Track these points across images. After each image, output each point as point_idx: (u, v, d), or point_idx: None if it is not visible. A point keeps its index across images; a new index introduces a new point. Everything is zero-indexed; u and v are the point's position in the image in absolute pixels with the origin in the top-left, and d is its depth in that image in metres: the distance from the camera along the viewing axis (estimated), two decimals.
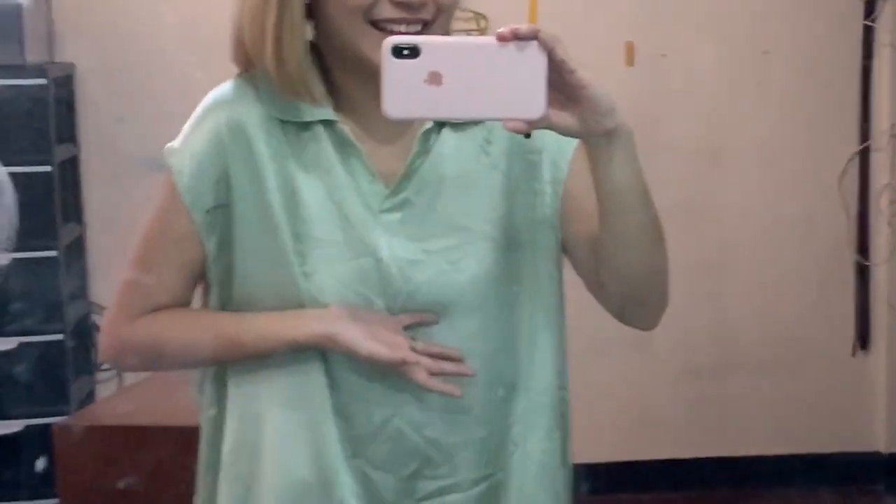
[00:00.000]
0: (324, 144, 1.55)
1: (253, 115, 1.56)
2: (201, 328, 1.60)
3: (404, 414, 1.55)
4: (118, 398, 3.77)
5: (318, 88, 1.55)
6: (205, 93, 1.63)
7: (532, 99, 1.31)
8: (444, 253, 1.55)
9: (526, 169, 1.58)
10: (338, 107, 1.56)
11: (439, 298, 1.54)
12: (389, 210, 1.55)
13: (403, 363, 1.50)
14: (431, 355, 1.53)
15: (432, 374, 1.52)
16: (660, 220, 1.51)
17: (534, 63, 1.30)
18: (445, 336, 1.55)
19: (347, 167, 1.55)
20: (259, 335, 1.55)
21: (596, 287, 1.58)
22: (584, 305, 1.70)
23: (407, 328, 1.54)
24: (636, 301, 1.59)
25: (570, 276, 1.66)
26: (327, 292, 1.53)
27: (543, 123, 1.33)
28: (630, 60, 4.30)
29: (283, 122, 1.56)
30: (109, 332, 1.65)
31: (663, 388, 4.51)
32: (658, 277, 1.56)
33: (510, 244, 1.57)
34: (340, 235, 1.54)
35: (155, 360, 1.70)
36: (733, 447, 4.54)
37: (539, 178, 1.58)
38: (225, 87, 1.60)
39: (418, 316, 1.54)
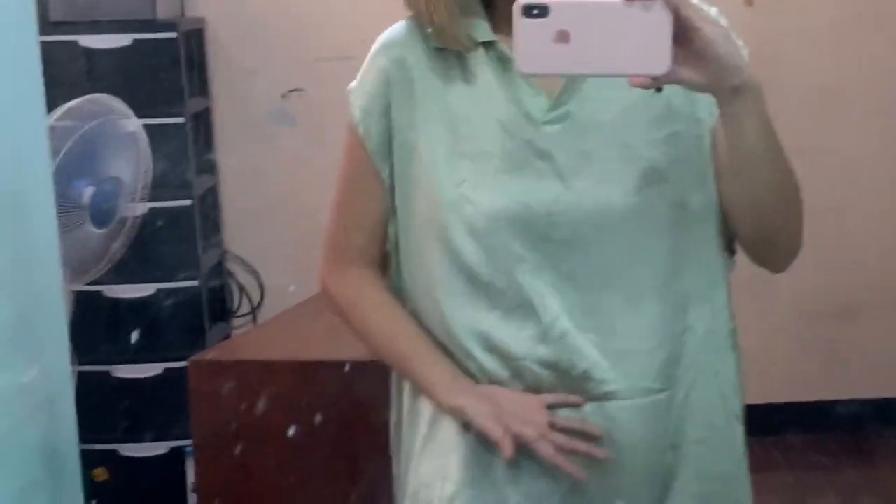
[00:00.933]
0: (485, 65, 1.64)
1: (416, 51, 1.67)
2: (384, 336, 1.75)
3: (572, 316, 1.61)
4: (252, 334, 3.86)
5: (477, 15, 1.64)
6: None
7: (657, 56, 1.35)
8: (604, 164, 1.60)
9: (687, 99, 1.61)
10: (497, 28, 1.63)
11: (598, 208, 1.59)
12: (551, 122, 1.61)
13: (501, 441, 1.59)
14: (570, 430, 1.61)
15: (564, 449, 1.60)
16: (793, 175, 1.55)
17: (659, 21, 1.34)
18: (608, 248, 1.60)
19: (509, 82, 1.62)
20: (416, 380, 1.72)
21: (730, 227, 1.64)
22: None
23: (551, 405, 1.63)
24: (766, 247, 1.64)
25: None
26: (490, 204, 1.60)
27: (669, 79, 1.38)
28: (749, 0, 4.28)
29: (443, 50, 1.65)
30: (320, 275, 1.80)
31: (786, 331, 4.51)
32: (788, 227, 1.60)
33: (671, 166, 1.61)
34: (502, 148, 1.61)
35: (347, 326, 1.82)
36: (857, 389, 4.52)
37: (699, 109, 1.62)
38: (393, 29, 1.72)
39: (562, 396, 1.62)
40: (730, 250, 1.70)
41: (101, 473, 4.10)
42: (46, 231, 1.31)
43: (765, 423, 4.40)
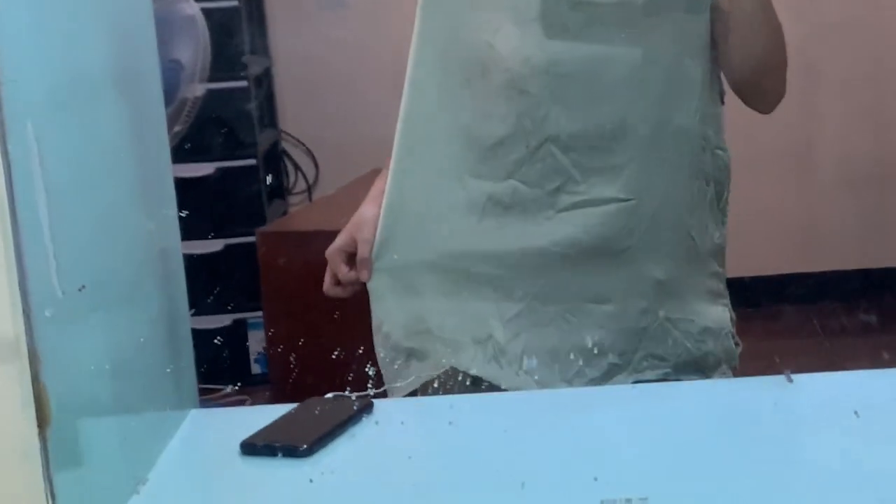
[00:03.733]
0: None
1: None
2: None
3: (557, 140, 1.73)
4: (312, 208, 3.98)
5: None
6: None
7: None
8: None
9: None
10: None
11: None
12: None
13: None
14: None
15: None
16: (781, 34, 1.71)
17: None
18: (595, 49, 1.70)
19: None
20: None
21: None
22: (743, 123, 1.86)
23: None
24: (751, 88, 1.78)
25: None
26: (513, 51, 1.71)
27: None
28: None
29: None
30: None
31: (824, 201, 4.59)
32: (774, 73, 1.76)
33: None
34: None
35: None
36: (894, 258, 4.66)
37: None
38: None
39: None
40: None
41: None
42: (155, 101, 1.45)
43: (804, 290, 4.55)
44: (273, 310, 3.05)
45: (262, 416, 1.44)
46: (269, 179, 4.55)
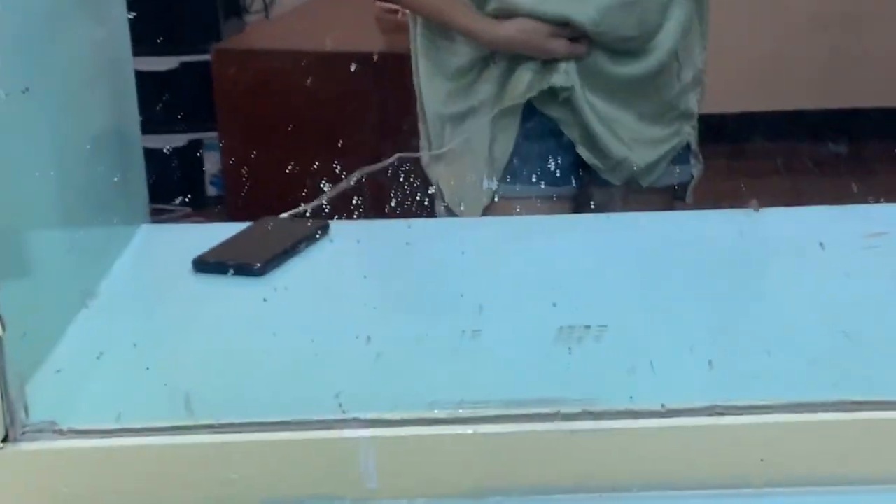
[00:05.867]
0: None
1: None
2: None
3: None
4: (270, 25, 3.91)
5: None
6: None
7: None
8: None
9: None
10: None
11: None
12: None
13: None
14: None
15: None
16: None
17: None
18: None
19: None
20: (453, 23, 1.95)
21: None
22: None
23: None
24: None
25: None
26: None
27: None
28: None
29: None
30: None
31: (794, 39, 4.57)
32: None
33: None
34: None
35: None
36: (863, 99, 4.62)
37: None
38: None
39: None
40: None
41: None
42: None
43: (770, 129, 4.54)
44: (228, 129, 3.00)
45: (215, 233, 1.40)
46: None
